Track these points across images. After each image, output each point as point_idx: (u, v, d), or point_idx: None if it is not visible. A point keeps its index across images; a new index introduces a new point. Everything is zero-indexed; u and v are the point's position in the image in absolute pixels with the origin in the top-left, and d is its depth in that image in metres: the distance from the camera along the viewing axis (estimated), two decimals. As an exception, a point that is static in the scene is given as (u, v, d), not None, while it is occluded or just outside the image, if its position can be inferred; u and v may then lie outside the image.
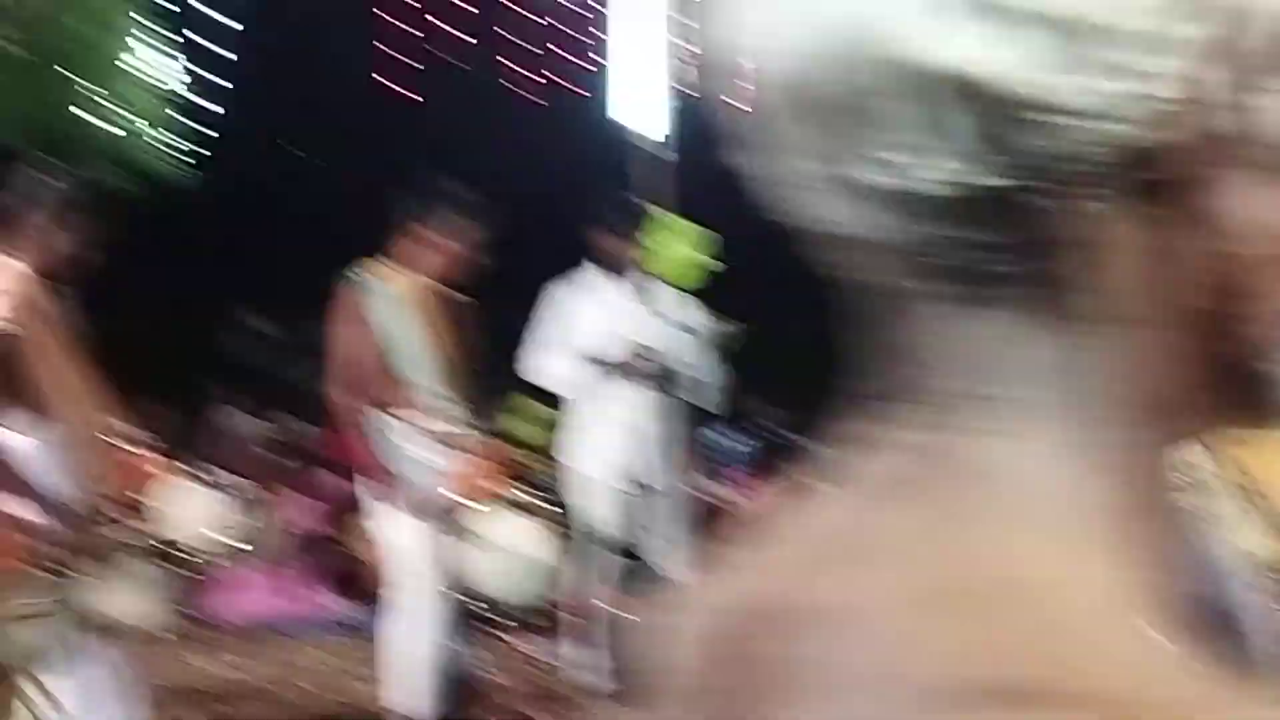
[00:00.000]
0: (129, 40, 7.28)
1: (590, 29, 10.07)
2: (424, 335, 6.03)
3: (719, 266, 6.71)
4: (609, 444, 6.54)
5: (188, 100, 7.87)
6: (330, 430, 10.43)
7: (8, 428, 4.80)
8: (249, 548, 7.52)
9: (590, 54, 10.23)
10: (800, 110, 0.67)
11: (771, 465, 9.87)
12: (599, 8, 9.33)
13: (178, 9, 7.54)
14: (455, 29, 10.52)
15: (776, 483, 9.04)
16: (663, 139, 7.65)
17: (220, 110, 8.77)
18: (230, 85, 8.76)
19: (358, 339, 5.91)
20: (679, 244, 6.66)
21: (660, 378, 6.57)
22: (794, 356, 11.98)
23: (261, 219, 15.98)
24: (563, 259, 6.83)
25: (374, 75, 11.20)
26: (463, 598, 5.93)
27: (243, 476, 8.93)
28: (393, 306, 5.99)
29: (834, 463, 0.88)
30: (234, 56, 8.64)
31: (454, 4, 10.05)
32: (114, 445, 5.02)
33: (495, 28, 10.59)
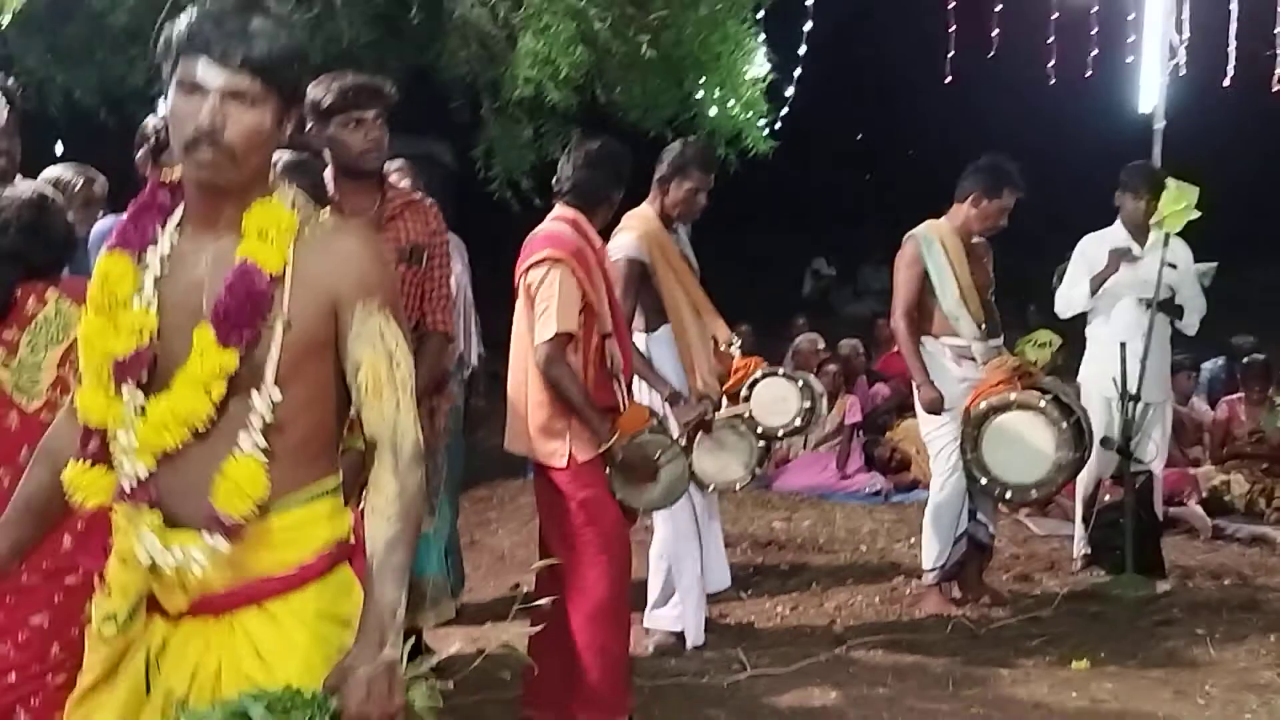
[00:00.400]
0: (732, 39, 7.92)
1: (1103, 26, 10.00)
2: (965, 279, 6.38)
3: (1201, 216, 6.77)
4: (1110, 362, 6.83)
5: (772, 87, 8.20)
6: (886, 350, 11.37)
7: (644, 332, 5.60)
8: (813, 432, 7.87)
9: (1104, 47, 10.15)
10: None
11: (1241, 383, 9.70)
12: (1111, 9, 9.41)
13: (762, 9, 7.90)
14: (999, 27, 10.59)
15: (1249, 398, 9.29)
16: (1162, 115, 7.79)
17: (795, 95, 9.12)
18: (805, 72, 9.08)
19: (914, 281, 6.42)
20: (1174, 200, 6.76)
21: (1160, 306, 6.85)
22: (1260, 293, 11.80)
23: (831, 186, 16.87)
24: (1093, 218, 7.35)
25: (935, 67, 11.24)
26: (983, 480, 6.15)
27: (819, 371, 9.35)
28: (940, 257, 6.39)
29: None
30: (804, 48, 9.03)
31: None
32: (717, 349, 5.75)
33: (1029, 29, 10.59)
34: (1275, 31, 11.43)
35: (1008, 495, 6.39)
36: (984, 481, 6.21)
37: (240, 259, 2.06)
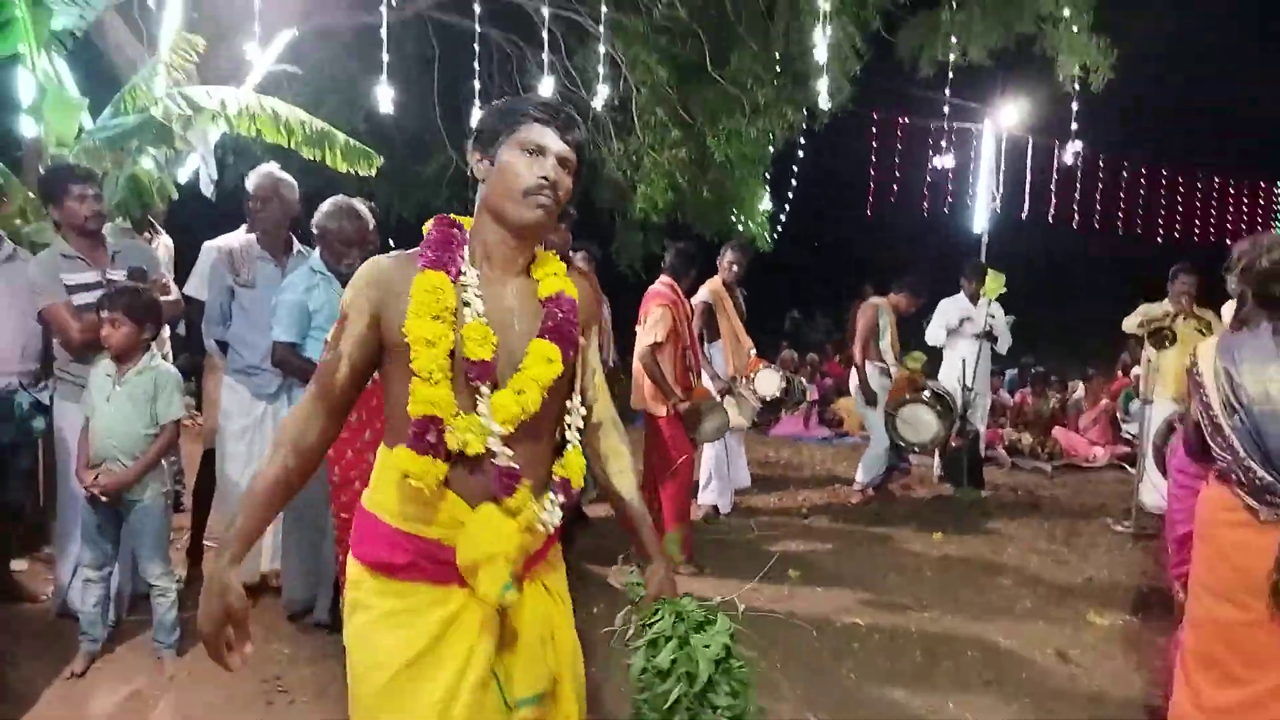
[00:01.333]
0: (750, 188, 8.17)
1: (954, 181, 10.07)
2: (893, 333, 6.48)
3: (1005, 290, 6.79)
4: (957, 367, 6.76)
5: (775, 211, 8.48)
6: (828, 360, 11.44)
7: (708, 343, 5.59)
8: (795, 401, 7.43)
9: (955, 194, 10.20)
10: None
11: (1029, 383, 9.72)
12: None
13: (768, 174, 8.10)
14: None
15: (1033, 391, 9.21)
16: (986, 233, 7.84)
17: (785, 221, 9.18)
18: (791, 209, 9.14)
19: (870, 329, 6.42)
20: (994, 280, 6.78)
21: (985, 337, 6.82)
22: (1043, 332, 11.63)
23: (802, 270, 16.75)
24: (948, 289, 7.22)
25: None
26: (902, 442, 6.21)
27: (794, 370, 9.32)
28: (885, 318, 6.46)
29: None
30: (790, 195, 9.14)
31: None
32: (749, 354, 5.75)
33: None
34: (1051, 186, 11.38)
35: (916, 449, 6.43)
36: (903, 443, 6.28)
37: (556, 291, 1.67)
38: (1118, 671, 3.75)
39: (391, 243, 7.89)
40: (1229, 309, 2.75)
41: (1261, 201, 14.40)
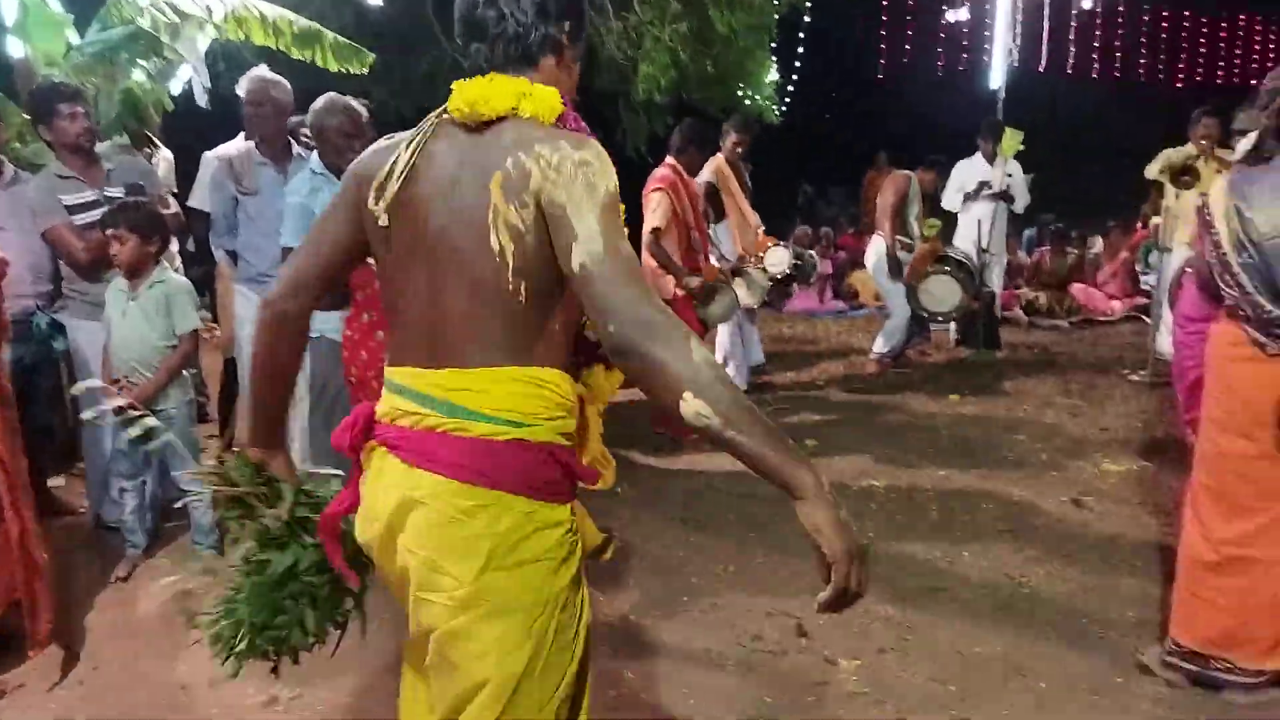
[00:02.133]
0: (756, 61, 7.81)
1: (970, 37, 9.67)
2: (919, 204, 6.30)
3: (1023, 148, 6.70)
4: (973, 232, 6.69)
5: (782, 82, 8.15)
6: (842, 234, 11.23)
7: (714, 223, 5.42)
8: (805, 277, 7.86)
9: (970, 51, 9.80)
10: None
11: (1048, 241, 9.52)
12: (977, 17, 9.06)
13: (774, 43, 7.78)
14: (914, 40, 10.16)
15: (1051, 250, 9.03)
16: (1003, 90, 7.56)
17: (794, 92, 8.94)
18: (799, 78, 8.88)
19: (899, 201, 6.23)
20: (1010, 138, 6.66)
21: (1001, 197, 6.71)
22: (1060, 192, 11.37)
23: (813, 141, 16.24)
24: (965, 149, 7.02)
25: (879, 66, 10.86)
26: (925, 313, 6.28)
27: (808, 245, 9.58)
28: (915, 187, 6.32)
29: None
30: (798, 64, 8.85)
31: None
32: (757, 232, 5.59)
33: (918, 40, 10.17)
34: (1069, 36, 10.88)
35: (940, 319, 6.43)
36: (926, 314, 6.29)
37: None
38: (1131, 515, 3.80)
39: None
40: (1245, 143, 2.62)
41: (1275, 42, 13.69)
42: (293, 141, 3.95)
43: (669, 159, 4.93)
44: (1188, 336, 3.33)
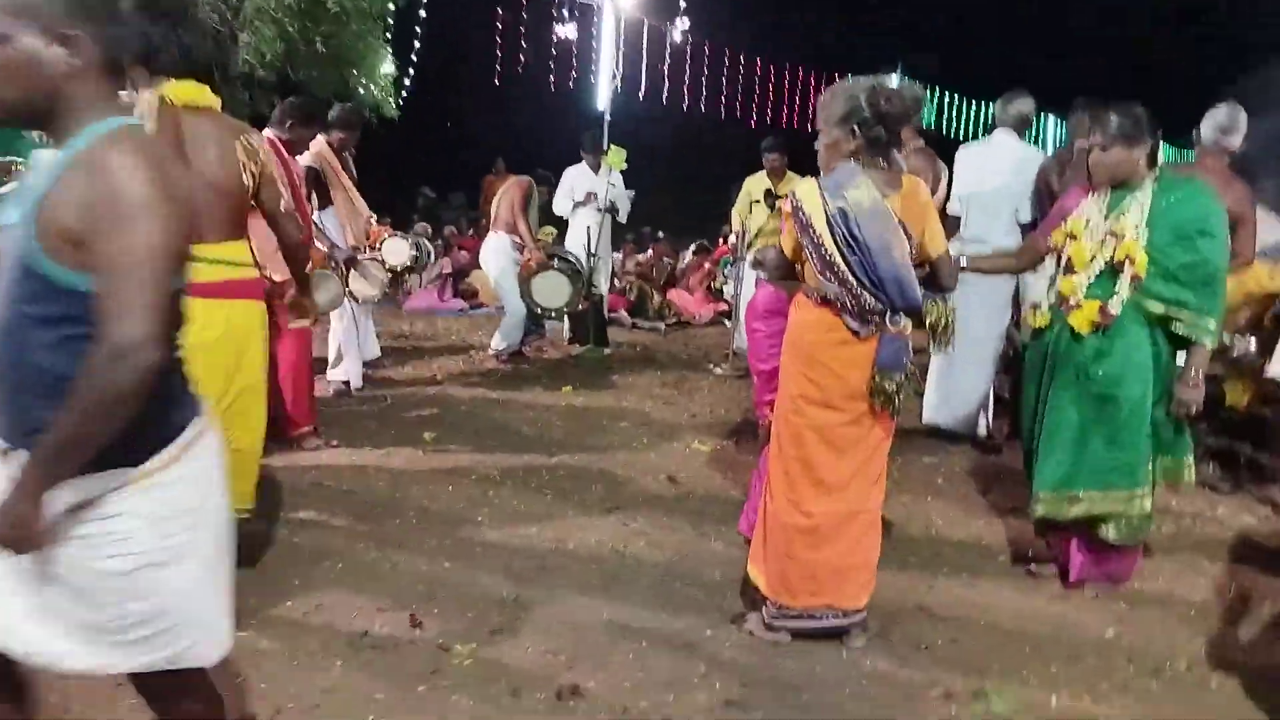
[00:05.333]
0: (371, 48, 7.46)
1: (578, 58, 10.20)
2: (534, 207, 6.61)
3: (626, 166, 7.11)
4: (583, 237, 7.01)
5: (399, 76, 7.86)
6: (463, 237, 11.22)
7: (318, 210, 4.95)
8: (421, 266, 7.56)
9: (579, 71, 10.32)
10: None
11: (650, 247, 10.36)
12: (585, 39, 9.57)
13: (390, 34, 7.50)
14: (513, 52, 10.44)
15: (655, 253, 9.86)
16: (609, 111, 8.03)
17: (412, 83, 8.64)
18: (417, 68, 8.58)
19: (521, 199, 6.42)
20: (615, 154, 7.03)
21: (609, 210, 7.10)
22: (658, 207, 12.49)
23: (433, 142, 16.08)
24: (567, 160, 7.40)
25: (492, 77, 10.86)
26: (538, 309, 6.37)
27: (430, 240, 9.42)
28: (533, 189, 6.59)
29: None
30: (415, 59, 8.55)
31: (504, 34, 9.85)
32: (368, 223, 5.33)
33: (528, 54, 10.50)
34: (664, 70, 11.91)
35: (551, 314, 6.60)
36: (539, 310, 6.42)
37: None
38: (718, 486, 4.22)
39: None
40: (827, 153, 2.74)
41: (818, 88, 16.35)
42: None
43: (268, 130, 4.49)
44: (757, 335, 3.77)
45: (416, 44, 8.83)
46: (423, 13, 8.62)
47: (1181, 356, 2.98)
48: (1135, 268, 2.84)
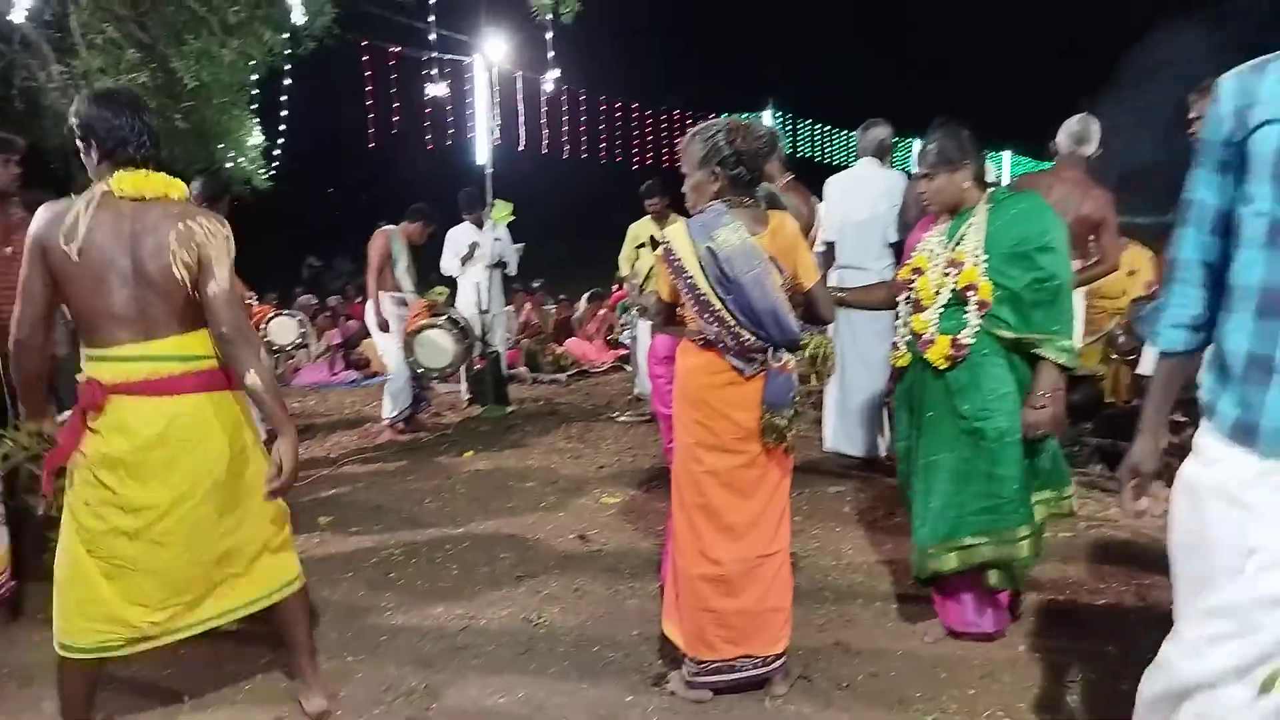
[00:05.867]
0: (237, 120, 7.18)
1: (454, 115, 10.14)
2: (406, 259, 6.27)
3: (514, 218, 7.18)
4: (474, 295, 6.98)
5: (269, 146, 7.52)
6: (352, 304, 10.98)
7: None
8: (309, 348, 7.47)
9: (456, 128, 10.25)
10: None
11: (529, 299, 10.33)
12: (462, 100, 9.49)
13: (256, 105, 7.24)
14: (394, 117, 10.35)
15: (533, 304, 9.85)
16: (490, 165, 7.90)
17: (284, 152, 8.30)
18: (288, 137, 8.25)
19: (384, 256, 6.19)
20: (500, 209, 7.09)
21: (497, 266, 7.12)
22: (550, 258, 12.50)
23: (316, 212, 15.84)
24: (452, 219, 7.26)
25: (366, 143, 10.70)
26: (420, 370, 6.19)
27: (312, 316, 9.20)
28: (398, 243, 6.23)
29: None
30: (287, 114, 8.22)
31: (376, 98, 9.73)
32: (248, 303, 5.06)
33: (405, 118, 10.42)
34: (541, 121, 11.98)
35: (434, 376, 6.36)
36: (420, 370, 6.18)
37: None
38: (630, 540, 4.14)
39: None
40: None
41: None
42: None
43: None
44: (659, 381, 3.71)
45: (285, 112, 8.58)
46: (288, 80, 8.41)
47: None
48: (979, 294, 2.74)
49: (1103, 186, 4.25)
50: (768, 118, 19.26)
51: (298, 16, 5.63)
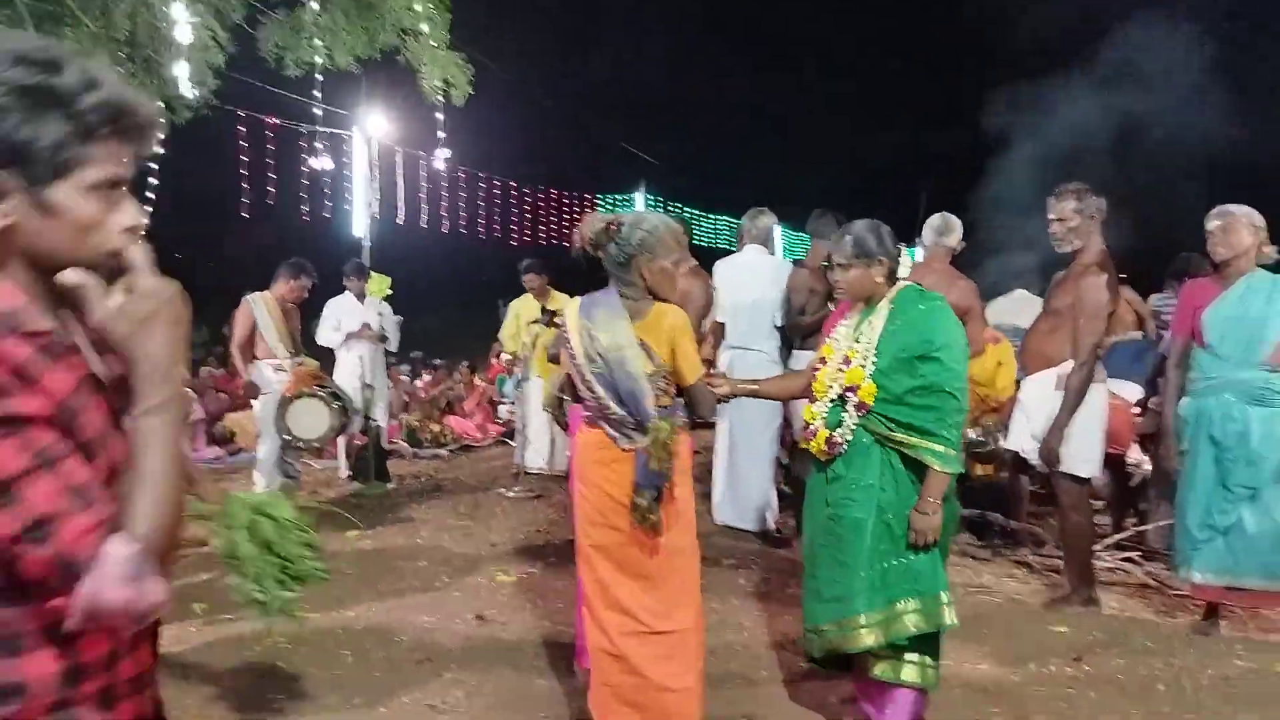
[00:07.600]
0: None
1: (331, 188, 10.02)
2: (280, 326, 6.06)
3: (391, 292, 7.18)
4: (354, 367, 6.68)
5: None
6: (219, 375, 10.46)
7: None
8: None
9: (333, 199, 10.11)
10: None
11: (423, 371, 10.21)
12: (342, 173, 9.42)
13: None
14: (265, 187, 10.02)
15: (434, 379, 9.69)
16: (368, 237, 7.91)
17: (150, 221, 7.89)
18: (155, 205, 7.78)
19: (248, 325, 5.97)
20: (379, 282, 7.06)
21: (380, 339, 6.90)
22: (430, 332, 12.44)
23: (189, 273, 15.06)
24: (332, 290, 7.11)
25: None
26: (290, 439, 5.90)
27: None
28: (263, 311, 6.00)
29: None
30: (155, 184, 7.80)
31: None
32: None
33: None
34: (421, 196, 11.93)
35: (302, 446, 6.09)
36: (291, 439, 5.90)
37: None
38: (530, 620, 4.05)
39: None
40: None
41: (579, 210, 17.17)
42: None
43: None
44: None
45: (152, 180, 8.22)
46: (162, 149, 8.08)
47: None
48: (860, 395, 2.72)
49: (967, 277, 4.62)
50: (640, 200, 19.88)
51: (185, 89, 5.43)
